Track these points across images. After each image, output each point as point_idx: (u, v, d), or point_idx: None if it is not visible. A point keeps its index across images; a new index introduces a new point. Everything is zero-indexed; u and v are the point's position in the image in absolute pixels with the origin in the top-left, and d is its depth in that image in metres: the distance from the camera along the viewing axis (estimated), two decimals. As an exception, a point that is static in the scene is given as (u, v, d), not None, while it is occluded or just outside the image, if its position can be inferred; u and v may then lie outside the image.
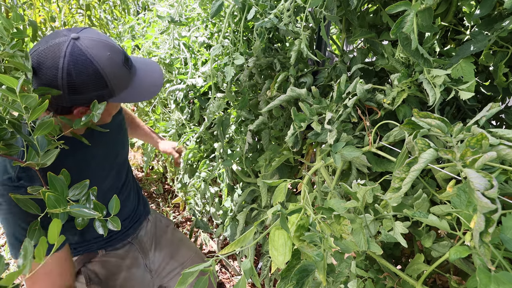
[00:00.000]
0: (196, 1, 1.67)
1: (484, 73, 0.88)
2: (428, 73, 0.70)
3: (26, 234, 0.54)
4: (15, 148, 0.54)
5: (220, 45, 1.05)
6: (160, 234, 1.40)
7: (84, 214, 0.50)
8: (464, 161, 0.47)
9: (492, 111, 0.56)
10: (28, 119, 0.53)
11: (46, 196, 0.46)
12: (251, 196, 1.31)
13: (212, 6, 1.00)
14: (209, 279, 0.52)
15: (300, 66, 1.11)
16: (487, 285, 0.42)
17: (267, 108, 0.96)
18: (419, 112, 0.57)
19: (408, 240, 0.83)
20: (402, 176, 0.52)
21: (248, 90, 1.27)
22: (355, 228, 0.63)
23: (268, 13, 0.98)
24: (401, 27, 0.62)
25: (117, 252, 1.24)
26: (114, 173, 1.18)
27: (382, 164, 0.83)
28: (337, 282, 0.68)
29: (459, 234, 0.55)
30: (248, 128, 1.16)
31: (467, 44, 0.71)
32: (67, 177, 0.54)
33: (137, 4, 2.88)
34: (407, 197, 0.72)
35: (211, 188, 1.60)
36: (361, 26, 0.94)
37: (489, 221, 0.42)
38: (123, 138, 1.25)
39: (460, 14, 0.89)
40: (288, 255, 0.56)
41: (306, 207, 0.64)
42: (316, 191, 0.91)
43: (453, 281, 0.68)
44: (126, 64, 0.87)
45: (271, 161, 1.13)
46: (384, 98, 0.81)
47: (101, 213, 0.53)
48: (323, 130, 0.83)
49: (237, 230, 1.23)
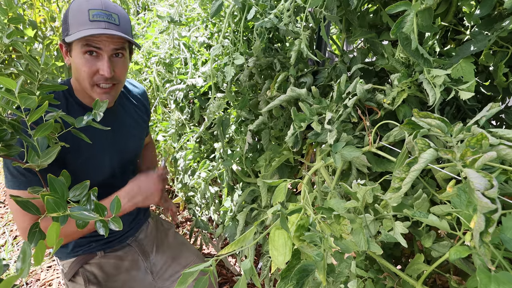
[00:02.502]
0: (196, 1, 1.67)
1: (484, 73, 0.88)
2: (428, 73, 0.69)
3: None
4: (15, 149, 0.54)
5: (220, 45, 1.05)
6: (161, 237, 1.40)
7: (85, 217, 0.50)
8: (464, 161, 0.47)
9: (492, 111, 0.56)
10: (28, 120, 0.53)
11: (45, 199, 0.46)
12: (251, 196, 1.31)
13: (212, 6, 1.00)
14: (209, 279, 0.52)
15: (300, 66, 1.11)
16: (487, 285, 0.42)
17: (267, 108, 0.96)
18: (419, 112, 0.57)
19: (408, 240, 0.83)
20: (402, 176, 0.52)
21: (248, 90, 1.27)
22: (355, 228, 0.63)
23: (268, 13, 0.98)
24: (401, 27, 0.62)
25: (116, 254, 1.24)
26: (119, 172, 1.19)
27: (382, 164, 0.83)
28: (337, 282, 0.68)
29: (459, 234, 0.55)
30: (248, 128, 1.16)
31: (467, 44, 0.71)
32: (67, 178, 0.54)
33: (137, 4, 2.88)
34: (407, 197, 0.72)
35: (211, 188, 1.60)
36: (361, 26, 0.94)
37: (489, 221, 0.42)
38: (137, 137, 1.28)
39: (460, 14, 0.89)
40: (288, 255, 0.56)
41: (306, 207, 0.64)
42: (316, 191, 0.91)
43: (453, 281, 0.68)
44: (90, 13, 0.93)
45: (271, 161, 1.13)
46: (384, 98, 0.81)
47: (102, 214, 0.53)
48: (323, 130, 0.83)
49: (237, 230, 1.23)
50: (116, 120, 1.15)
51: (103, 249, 1.22)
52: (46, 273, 2.12)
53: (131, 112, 1.23)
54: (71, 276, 1.17)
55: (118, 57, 1.00)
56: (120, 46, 0.97)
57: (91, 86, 0.98)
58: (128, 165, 1.24)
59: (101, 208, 0.54)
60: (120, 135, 1.16)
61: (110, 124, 1.01)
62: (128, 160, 1.24)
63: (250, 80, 1.23)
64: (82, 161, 1.05)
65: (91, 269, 1.18)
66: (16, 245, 2.36)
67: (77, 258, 1.19)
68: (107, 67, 0.95)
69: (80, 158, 1.05)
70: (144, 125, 1.31)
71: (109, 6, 0.95)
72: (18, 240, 2.40)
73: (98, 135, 1.06)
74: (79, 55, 0.94)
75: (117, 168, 1.17)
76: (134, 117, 1.24)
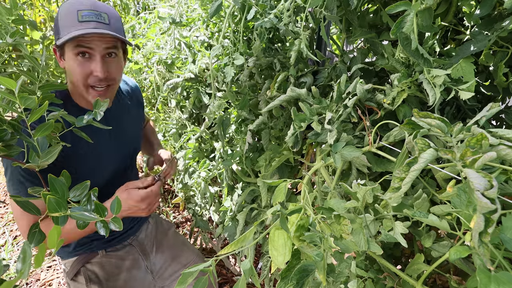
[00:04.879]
0: (197, 2, 1.67)
1: (484, 73, 0.88)
2: (428, 73, 0.69)
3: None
4: (16, 149, 0.54)
5: (220, 45, 1.05)
6: (161, 236, 1.40)
7: (85, 218, 0.50)
8: (464, 161, 0.47)
9: (492, 111, 0.56)
10: (28, 120, 0.53)
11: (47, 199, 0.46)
12: (251, 196, 1.31)
13: (211, 6, 1.00)
14: (208, 280, 0.52)
15: (300, 66, 1.10)
16: (487, 285, 0.42)
17: (267, 108, 0.96)
18: (419, 112, 0.57)
19: (408, 240, 0.83)
20: (402, 176, 0.52)
21: (248, 90, 1.27)
22: (355, 228, 0.63)
23: (268, 13, 0.98)
24: (401, 27, 0.62)
25: (117, 253, 1.25)
26: (120, 169, 1.19)
27: (382, 164, 0.83)
28: (337, 282, 0.68)
29: (459, 234, 0.55)
30: (248, 128, 1.17)
31: (467, 44, 0.71)
32: (67, 178, 0.54)
33: (137, 4, 2.88)
34: (407, 197, 0.72)
35: (211, 188, 1.60)
36: (361, 26, 0.94)
37: (488, 221, 0.42)
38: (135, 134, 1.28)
39: (460, 14, 0.89)
40: (288, 255, 0.56)
41: (306, 207, 0.64)
42: (316, 191, 0.91)
43: (453, 281, 0.68)
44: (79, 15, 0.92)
45: (271, 161, 1.13)
46: (384, 98, 0.81)
47: (103, 214, 0.53)
48: (323, 130, 0.83)
49: (237, 230, 1.23)
50: (114, 120, 1.15)
51: (104, 248, 1.22)
52: (46, 273, 2.12)
53: (128, 110, 1.24)
54: (73, 275, 1.18)
55: (111, 57, 0.99)
56: (111, 45, 0.96)
57: (86, 88, 0.97)
58: (128, 161, 1.25)
59: (101, 209, 0.54)
60: (119, 134, 1.17)
61: (109, 124, 1.01)
62: (129, 157, 1.25)
63: (250, 80, 1.23)
64: (83, 162, 1.06)
65: (93, 268, 1.19)
66: (16, 245, 2.36)
67: (79, 257, 1.19)
68: (100, 67, 0.94)
69: (81, 159, 1.05)
70: (141, 120, 1.32)
71: (98, 6, 0.94)
72: (18, 240, 2.41)
73: (98, 136, 1.06)
74: (71, 57, 0.93)
75: (118, 165, 1.18)
76: (131, 114, 1.24)
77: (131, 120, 1.24)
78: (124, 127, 1.19)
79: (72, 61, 0.93)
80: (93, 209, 0.54)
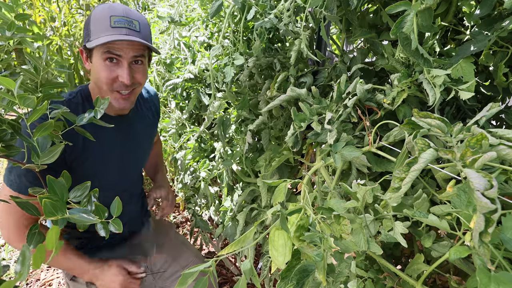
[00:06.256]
0: (196, 1, 1.67)
1: (484, 73, 0.88)
2: (428, 73, 0.69)
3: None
4: (15, 149, 0.54)
5: (220, 45, 1.05)
6: (161, 237, 1.40)
7: (84, 220, 0.50)
8: (464, 161, 0.47)
9: (492, 111, 0.56)
10: (27, 120, 0.52)
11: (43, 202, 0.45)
12: (251, 196, 1.31)
13: (212, 6, 1.00)
14: (209, 280, 0.52)
15: (300, 66, 1.11)
16: (487, 285, 0.42)
17: (267, 108, 0.96)
18: (419, 112, 0.57)
19: (408, 240, 0.83)
20: (402, 176, 0.52)
21: (248, 90, 1.27)
22: (355, 228, 0.63)
23: (268, 13, 0.98)
24: (401, 27, 0.62)
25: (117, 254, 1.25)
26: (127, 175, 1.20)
27: (382, 164, 0.83)
28: (337, 282, 0.68)
29: (459, 234, 0.55)
30: (248, 128, 1.17)
31: (467, 44, 0.71)
32: (67, 179, 0.53)
33: (137, 4, 2.88)
34: (407, 197, 0.72)
35: (211, 188, 1.60)
36: (361, 26, 0.94)
37: (488, 221, 0.42)
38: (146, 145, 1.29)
39: (460, 14, 0.89)
40: (288, 255, 0.56)
41: (306, 207, 0.64)
42: (316, 191, 0.91)
43: (453, 281, 0.68)
44: (111, 19, 0.94)
45: (271, 161, 1.13)
46: (384, 98, 0.81)
47: (103, 216, 0.53)
48: (323, 130, 0.83)
49: (237, 230, 1.23)
50: (130, 127, 1.15)
51: (103, 248, 1.22)
52: (46, 273, 2.12)
53: (145, 118, 1.23)
54: (72, 275, 1.18)
55: (138, 64, 1.00)
56: (140, 53, 0.98)
57: (111, 92, 0.98)
58: (136, 168, 1.26)
59: (101, 210, 0.54)
60: (132, 142, 1.17)
61: (124, 131, 1.01)
62: (138, 164, 1.26)
63: (250, 80, 1.23)
64: (90, 166, 1.05)
65: None
66: (16, 245, 2.35)
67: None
68: (126, 74, 0.95)
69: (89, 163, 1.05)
70: (155, 129, 1.32)
71: (130, 13, 0.96)
72: (18, 240, 2.40)
73: (109, 140, 1.06)
74: (99, 61, 0.95)
75: (126, 171, 1.18)
76: (147, 123, 1.24)
77: (145, 128, 1.23)
78: (137, 133, 1.18)
79: (100, 65, 0.95)
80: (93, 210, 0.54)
